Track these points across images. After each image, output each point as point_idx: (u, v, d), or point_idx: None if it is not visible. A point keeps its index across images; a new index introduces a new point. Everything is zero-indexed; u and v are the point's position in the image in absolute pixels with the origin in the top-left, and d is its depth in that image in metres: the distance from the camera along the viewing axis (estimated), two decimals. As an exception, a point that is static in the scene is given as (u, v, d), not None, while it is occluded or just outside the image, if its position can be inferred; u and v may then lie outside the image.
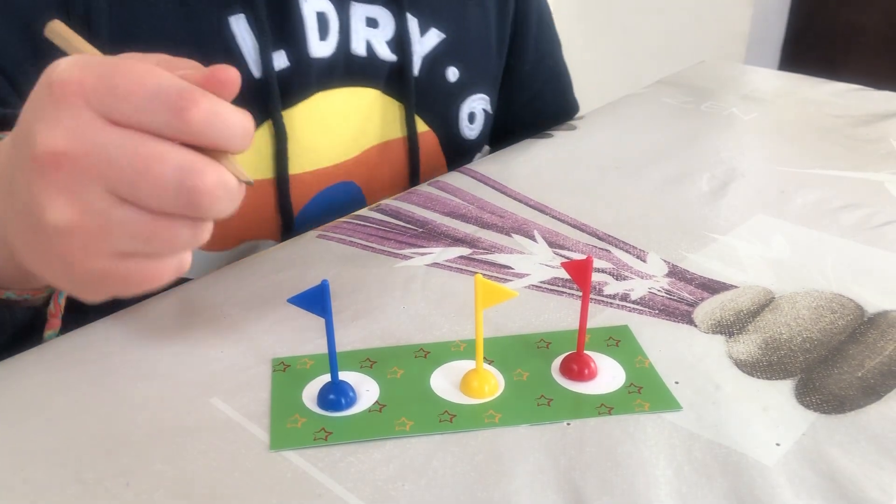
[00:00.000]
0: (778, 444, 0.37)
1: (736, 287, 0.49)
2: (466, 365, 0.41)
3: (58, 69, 0.31)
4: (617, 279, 0.50)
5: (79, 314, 0.49)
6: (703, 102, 0.80)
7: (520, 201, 0.60)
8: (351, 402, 0.39)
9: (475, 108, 0.69)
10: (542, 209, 0.59)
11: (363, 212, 0.58)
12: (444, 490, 0.34)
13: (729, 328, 0.45)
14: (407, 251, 0.53)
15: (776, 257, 0.52)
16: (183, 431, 0.37)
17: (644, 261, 0.52)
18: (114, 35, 0.50)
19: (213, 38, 0.53)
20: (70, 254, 0.33)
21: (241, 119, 0.33)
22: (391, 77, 0.62)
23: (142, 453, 0.36)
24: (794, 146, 0.69)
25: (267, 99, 0.55)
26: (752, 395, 0.40)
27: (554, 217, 0.57)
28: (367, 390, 0.40)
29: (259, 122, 0.55)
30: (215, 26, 0.53)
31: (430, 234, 0.55)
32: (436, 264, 0.51)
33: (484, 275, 0.47)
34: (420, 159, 0.66)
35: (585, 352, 0.41)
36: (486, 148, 0.75)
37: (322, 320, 0.37)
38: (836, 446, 0.37)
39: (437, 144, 0.68)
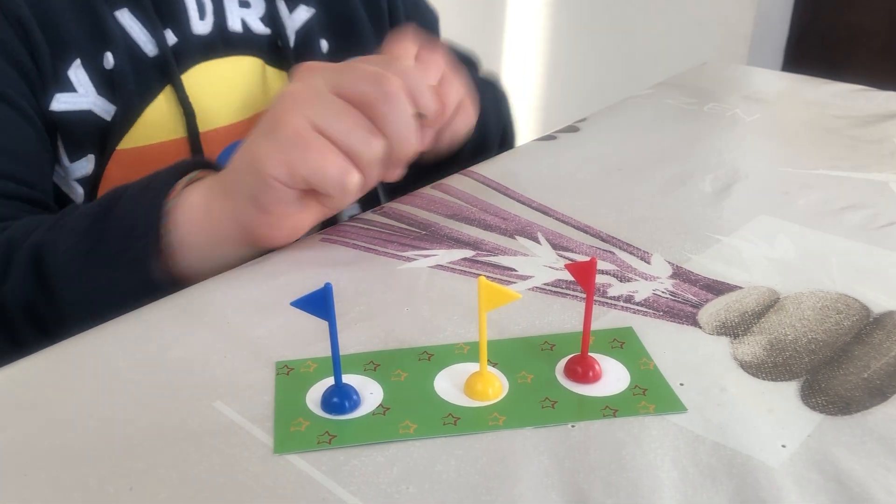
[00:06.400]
0: (784, 446, 0.36)
1: (740, 288, 0.48)
2: (470, 367, 0.41)
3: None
4: (621, 281, 0.49)
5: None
6: (705, 104, 0.80)
7: (523, 203, 0.60)
8: (355, 405, 0.39)
9: None
10: (545, 211, 0.59)
11: (366, 215, 0.58)
12: (448, 493, 0.34)
13: (734, 329, 0.45)
14: (410, 253, 0.53)
15: (780, 258, 0.52)
16: (186, 435, 0.37)
17: (648, 262, 0.52)
18: (38, 20, 0.59)
19: (107, 29, 0.62)
20: (284, 109, 0.47)
21: (411, 118, 0.48)
22: (271, 48, 0.70)
23: (145, 457, 0.36)
24: (797, 147, 0.69)
25: (165, 68, 0.63)
26: (758, 397, 0.40)
27: (557, 219, 0.57)
28: (370, 393, 0.40)
29: (161, 87, 0.64)
30: (105, 20, 0.62)
31: (433, 237, 0.55)
32: (439, 266, 0.51)
33: (487, 277, 0.47)
34: None
35: (589, 354, 0.41)
36: None
37: (325, 323, 0.37)
38: (843, 448, 0.36)
39: None
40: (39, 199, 0.60)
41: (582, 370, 0.41)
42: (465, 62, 0.72)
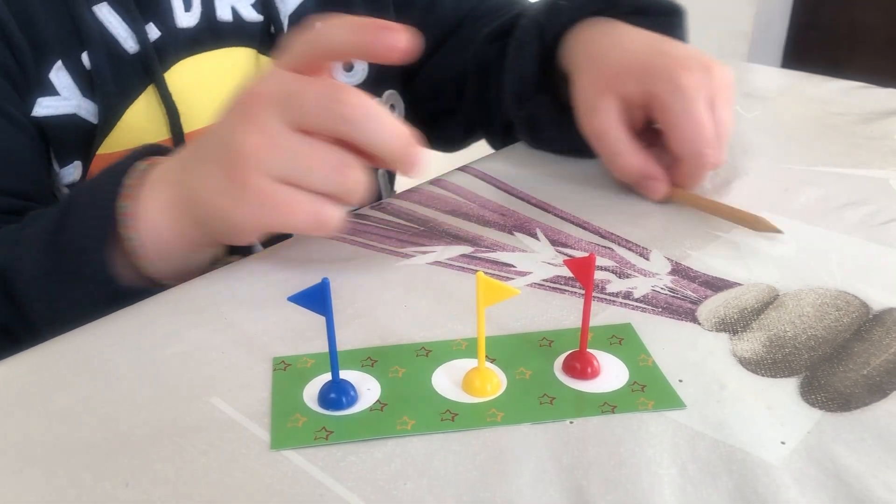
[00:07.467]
0: (783, 443, 0.36)
1: (740, 285, 0.48)
2: (468, 363, 0.41)
3: (254, 84, 0.45)
4: (620, 277, 0.49)
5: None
6: (705, 100, 0.79)
7: (522, 199, 0.60)
8: (352, 401, 0.39)
9: None
10: (544, 207, 0.58)
11: (364, 210, 0.58)
12: (445, 489, 0.34)
13: (733, 326, 0.44)
14: (408, 249, 0.53)
15: (780, 255, 0.52)
16: (183, 431, 0.37)
17: (647, 259, 0.51)
18: (17, 21, 0.57)
19: (86, 25, 0.59)
20: (245, 168, 0.43)
21: (389, 119, 0.43)
22: (264, 36, 0.68)
23: (141, 453, 0.36)
24: (797, 144, 0.69)
25: (147, 65, 0.61)
26: (757, 394, 0.39)
27: (556, 215, 0.57)
28: (368, 389, 0.40)
29: (143, 87, 0.61)
30: (84, 16, 0.59)
31: (432, 233, 0.55)
32: (437, 263, 0.51)
33: (486, 273, 0.47)
34: None
35: (588, 350, 0.41)
36: (391, 93, 0.76)
37: (323, 319, 0.37)
38: (842, 444, 0.36)
39: None
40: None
41: (580, 366, 0.40)
42: (667, 13, 0.66)
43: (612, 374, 0.41)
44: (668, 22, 0.65)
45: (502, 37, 0.72)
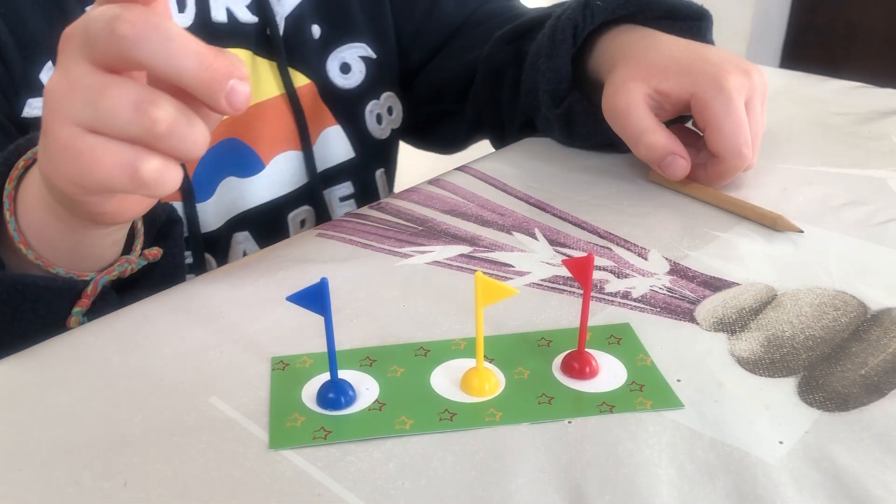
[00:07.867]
0: (781, 443, 0.36)
1: (738, 284, 0.48)
2: (467, 363, 0.41)
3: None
4: (618, 277, 0.49)
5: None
6: (704, 100, 0.79)
7: (520, 199, 0.60)
8: (350, 400, 0.39)
9: (347, 59, 0.73)
10: (542, 207, 0.58)
11: (363, 210, 0.58)
12: (444, 489, 0.34)
13: (731, 326, 0.45)
14: (407, 249, 0.53)
15: (778, 255, 0.52)
16: (181, 431, 0.37)
17: (645, 258, 0.51)
18: (5, 21, 0.56)
19: None
20: (47, 116, 0.39)
21: (181, 36, 0.36)
22: (259, 38, 0.67)
23: (140, 453, 0.36)
24: (795, 144, 0.69)
25: None
26: (755, 393, 0.39)
27: (555, 215, 0.57)
28: (366, 389, 0.40)
29: None
30: (77, 13, 0.57)
31: (431, 233, 0.55)
32: (436, 262, 0.51)
33: (484, 273, 0.47)
34: (304, 112, 0.70)
35: (586, 350, 0.41)
36: (388, 94, 0.76)
37: (321, 319, 0.37)
38: (840, 444, 0.36)
39: (316, 95, 0.72)
40: None
41: (579, 366, 0.40)
42: (696, 18, 0.66)
43: (610, 373, 0.41)
44: (697, 27, 0.66)
45: (515, 39, 0.72)
